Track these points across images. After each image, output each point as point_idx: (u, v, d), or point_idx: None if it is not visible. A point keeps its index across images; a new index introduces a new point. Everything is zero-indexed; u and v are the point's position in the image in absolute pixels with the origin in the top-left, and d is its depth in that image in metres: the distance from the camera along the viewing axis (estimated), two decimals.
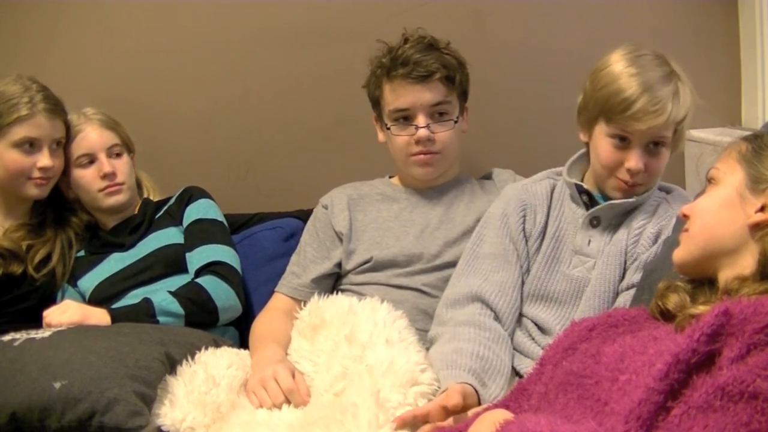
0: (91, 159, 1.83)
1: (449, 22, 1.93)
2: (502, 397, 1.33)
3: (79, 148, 1.82)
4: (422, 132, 1.69)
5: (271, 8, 2.06)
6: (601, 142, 1.48)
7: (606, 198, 1.53)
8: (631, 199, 1.49)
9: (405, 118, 1.71)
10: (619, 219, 1.52)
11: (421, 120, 1.69)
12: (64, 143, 1.80)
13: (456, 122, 1.71)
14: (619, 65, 1.46)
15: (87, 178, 1.83)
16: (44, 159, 1.74)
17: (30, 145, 1.73)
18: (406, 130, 1.71)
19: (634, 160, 1.45)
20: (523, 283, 1.57)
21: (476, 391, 1.33)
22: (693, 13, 2.10)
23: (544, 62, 2.03)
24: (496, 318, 1.51)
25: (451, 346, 1.44)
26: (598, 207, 1.51)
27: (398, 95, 1.70)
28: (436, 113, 1.70)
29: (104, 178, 1.83)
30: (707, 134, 2.05)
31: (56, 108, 1.76)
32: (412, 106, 1.69)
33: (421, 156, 1.72)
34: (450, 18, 2.01)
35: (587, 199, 1.55)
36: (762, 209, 1.06)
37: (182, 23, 2.09)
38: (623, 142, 1.46)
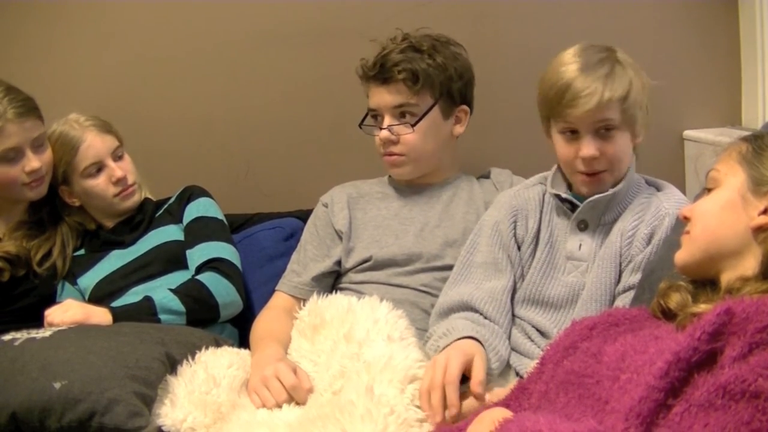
0: (99, 167, 1.82)
1: (449, 23, 1.93)
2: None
3: (86, 158, 1.80)
4: (383, 133, 1.71)
5: (271, 8, 2.06)
6: (556, 140, 1.50)
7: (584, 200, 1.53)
8: (605, 193, 1.48)
9: (377, 117, 1.75)
10: (608, 218, 1.51)
11: (385, 121, 1.71)
12: (44, 138, 1.77)
13: (414, 125, 1.69)
14: (557, 61, 1.49)
15: (100, 186, 1.82)
16: (31, 162, 1.73)
17: (13, 155, 1.71)
18: (377, 130, 1.74)
19: (585, 148, 1.45)
20: (515, 288, 1.57)
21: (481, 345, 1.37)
22: (693, 13, 2.10)
23: (544, 62, 2.01)
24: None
25: (443, 328, 1.46)
26: (579, 209, 1.51)
27: (370, 96, 1.75)
28: (401, 114, 1.71)
29: (117, 183, 1.82)
30: (707, 134, 2.05)
31: (25, 108, 1.71)
32: (377, 107, 1.72)
33: (388, 157, 1.74)
34: (450, 18, 2.01)
35: (570, 207, 1.55)
36: (765, 211, 1.06)
37: (182, 24, 2.08)
38: (574, 134, 1.47)
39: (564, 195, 1.54)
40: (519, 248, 1.58)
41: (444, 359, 1.30)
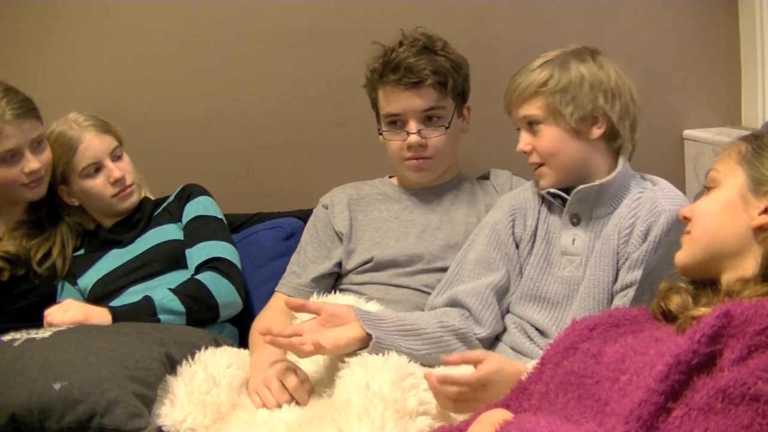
0: (98, 167, 1.81)
1: (449, 22, 1.93)
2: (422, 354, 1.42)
3: (83, 159, 1.79)
4: (413, 138, 1.68)
5: (271, 8, 2.06)
6: None
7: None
8: (591, 184, 1.50)
9: (398, 122, 1.71)
10: (601, 212, 1.52)
11: (412, 126, 1.68)
12: (43, 139, 1.76)
13: (448, 127, 1.69)
14: None
15: (98, 186, 1.82)
16: (30, 163, 1.72)
17: (11, 156, 1.70)
18: (399, 135, 1.71)
19: (519, 144, 1.56)
20: (508, 288, 1.58)
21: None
22: (693, 13, 2.10)
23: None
24: (473, 318, 1.53)
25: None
26: (568, 203, 1.53)
27: (389, 101, 1.70)
28: (429, 118, 1.69)
29: (115, 184, 1.82)
30: (707, 134, 2.05)
31: (23, 109, 1.70)
32: (403, 112, 1.68)
33: (414, 161, 1.71)
34: (449, 18, 2.01)
35: (561, 202, 1.56)
36: (765, 211, 1.06)
37: (182, 23, 2.09)
38: (519, 131, 1.57)
39: (552, 190, 1.55)
40: (517, 246, 1.59)
41: None
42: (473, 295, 1.54)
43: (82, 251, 1.87)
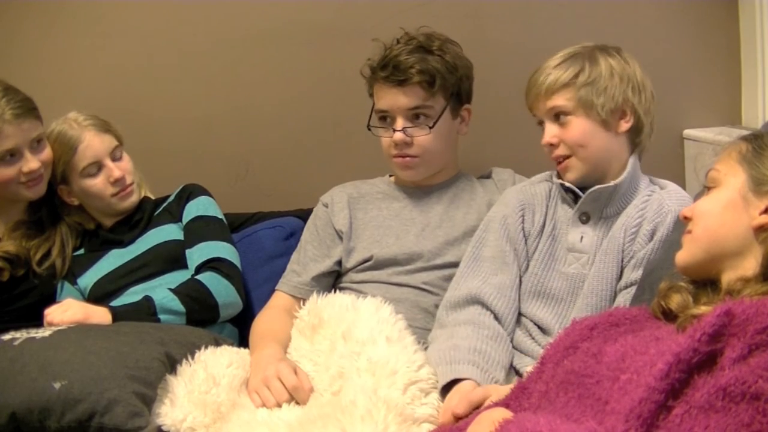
0: (98, 167, 1.81)
1: (449, 22, 1.93)
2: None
3: (84, 158, 1.79)
4: (398, 135, 1.69)
5: (271, 8, 2.07)
6: None
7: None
8: (607, 185, 1.50)
9: (387, 119, 1.72)
10: (610, 211, 1.52)
11: (399, 123, 1.69)
12: (42, 138, 1.76)
13: (432, 127, 1.69)
14: None
15: (98, 186, 1.82)
16: (29, 163, 1.72)
17: (11, 155, 1.70)
18: (388, 131, 1.72)
19: (544, 137, 1.54)
20: (521, 282, 1.57)
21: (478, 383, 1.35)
22: (693, 13, 2.10)
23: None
24: (496, 319, 1.52)
25: (449, 343, 1.45)
26: (581, 201, 1.53)
27: (379, 97, 1.72)
28: (416, 116, 1.69)
29: (115, 184, 1.82)
30: (707, 134, 2.05)
31: (23, 109, 1.70)
32: (390, 109, 1.70)
33: (400, 159, 1.72)
34: (450, 18, 2.01)
35: (572, 197, 1.56)
36: (766, 211, 1.06)
37: (182, 23, 2.09)
38: (541, 125, 1.56)
39: (567, 184, 1.55)
40: (526, 241, 1.59)
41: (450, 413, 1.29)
42: (500, 297, 1.53)
43: (82, 251, 1.87)
